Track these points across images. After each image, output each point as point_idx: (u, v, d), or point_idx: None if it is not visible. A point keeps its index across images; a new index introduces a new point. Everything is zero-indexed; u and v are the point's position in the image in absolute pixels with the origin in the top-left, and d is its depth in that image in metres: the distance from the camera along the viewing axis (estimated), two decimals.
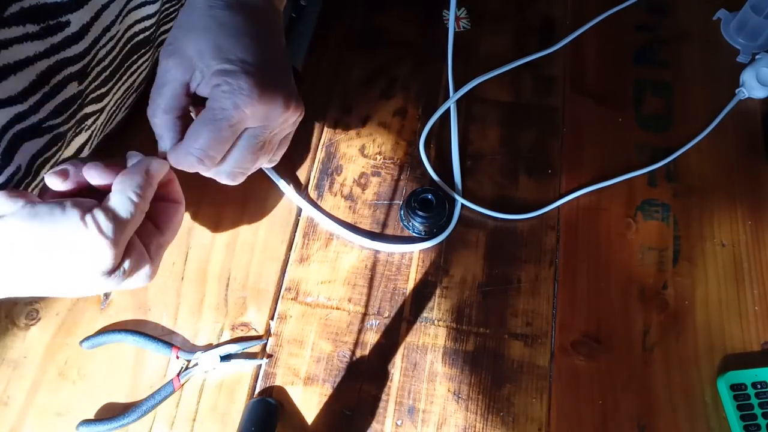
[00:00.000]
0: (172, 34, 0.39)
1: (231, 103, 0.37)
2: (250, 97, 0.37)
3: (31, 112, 0.40)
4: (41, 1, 0.36)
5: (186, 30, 0.38)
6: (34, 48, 0.37)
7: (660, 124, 0.58)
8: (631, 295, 0.51)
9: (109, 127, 0.53)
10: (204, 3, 0.39)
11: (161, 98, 0.39)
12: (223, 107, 0.37)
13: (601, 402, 0.47)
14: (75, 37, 0.40)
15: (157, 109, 0.39)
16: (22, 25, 0.36)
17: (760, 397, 0.46)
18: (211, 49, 0.38)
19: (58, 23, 0.38)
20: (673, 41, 0.63)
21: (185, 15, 0.39)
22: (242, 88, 0.37)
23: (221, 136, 0.38)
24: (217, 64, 0.38)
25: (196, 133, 0.38)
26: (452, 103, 0.58)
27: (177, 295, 0.50)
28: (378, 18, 0.65)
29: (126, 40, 0.45)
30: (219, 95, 0.37)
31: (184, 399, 0.47)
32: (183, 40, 0.38)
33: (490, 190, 0.55)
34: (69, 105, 0.43)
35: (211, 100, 0.38)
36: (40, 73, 0.39)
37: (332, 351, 0.49)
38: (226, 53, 0.38)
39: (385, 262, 0.52)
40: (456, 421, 0.46)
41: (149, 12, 0.46)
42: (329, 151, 0.57)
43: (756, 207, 0.54)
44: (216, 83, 0.38)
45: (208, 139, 0.37)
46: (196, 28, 0.38)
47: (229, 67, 0.37)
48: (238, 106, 0.37)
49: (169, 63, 0.38)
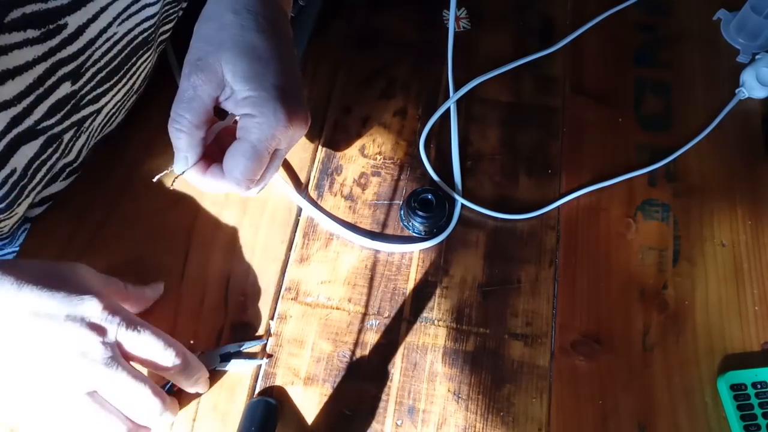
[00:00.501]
0: (200, 48, 0.39)
1: (269, 133, 0.39)
2: (285, 126, 0.39)
3: (25, 115, 0.40)
4: (43, 6, 0.36)
5: (217, 47, 0.38)
6: (33, 52, 0.37)
7: (660, 124, 0.58)
8: (631, 295, 0.51)
9: (108, 129, 0.53)
10: (235, 21, 0.39)
11: (192, 114, 0.39)
12: (261, 138, 0.39)
13: (601, 402, 0.47)
14: (70, 38, 0.39)
15: (186, 125, 0.39)
16: (23, 30, 0.36)
17: (760, 397, 0.46)
18: (246, 74, 0.38)
19: (57, 26, 0.38)
20: (673, 41, 0.63)
21: (214, 31, 0.39)
22: (279, 119, 0.39)
23: (262, 164, 0.40)
24: (250, 91, 0.39)
25: (239, 163, 0.40)
26: (452, 103, 0.58)
27: (177, 295, 0.50)
28: (378, 18, 0.65)
29: (126, 42, 0.45)
30: (257, 127, 0.39)
31: (184, 399, 0.47)
32: (213, 57, 0.38)
33: (490, 190, 0.55)
34: (62, 105, 0.43)
35: (247, 131, 0.39)
36: (38, 76, 0.38)
37: (332, 351, 0.49)
38: (260, 79, 0.39)
39: (385, 262, 0.52)
40: (456, 421, 0.46)
41: (149, 14, 0.46)
42: (329, 151, 0.57)
43: (756, 207, 0.54)
44: (250, 113, 0.39)
45: (252, 168, 0.40)
46: (229, 48, 0.38)
47: (264, 95, 0.39)
48: (275, 136, 0.40)
49: (199, 78, 0.38)
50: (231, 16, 0.39)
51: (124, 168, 0.55)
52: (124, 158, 0.56)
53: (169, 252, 0.52)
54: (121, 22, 0.43)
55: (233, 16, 0.39)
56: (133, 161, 0.56)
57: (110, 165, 0.55)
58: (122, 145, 0.56)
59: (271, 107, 0.39)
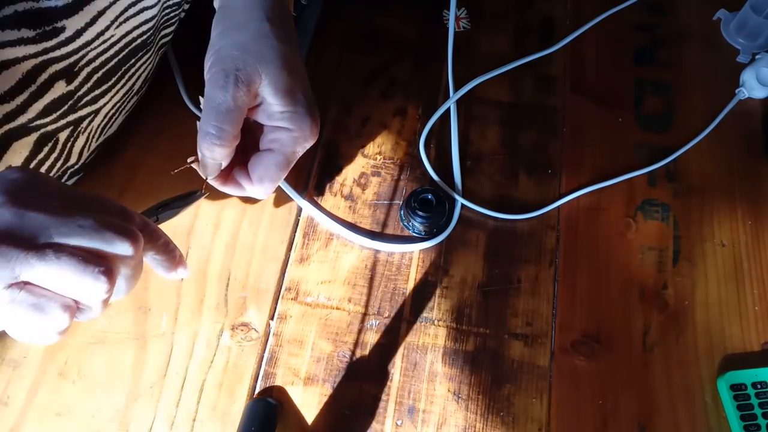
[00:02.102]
0: (238, 58, 0.39)
1: (301, 147, 0.42)
2: (313, 139, 0.42)
3: (19, 112, 0.40)
4: (35, 5, 0.36)
5: (256, 59, 0.39)
6: (25, 51, 0.37)
7: (660, 124, 0.58)
8: (631, 295, 0.51)
9: (110, 130, 0.53)
10: (271, 32, 0.40)
11: (232, 126, 0.39)
12: (295, 151, 0.42)
13: (601, 402, 0.47)
14: (67, 41, 0.39)
15: (227, 137, 0.39)
16: (16, 29, 0.35)
17: (760, 397, 0.46)
18: (285, 89, 0.40)
19: (53, 29, 0.37)
20: (673, 41, 0.63)
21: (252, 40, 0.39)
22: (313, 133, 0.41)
23: (287, 172, 0.43)
24: (288, 106, 0.40)
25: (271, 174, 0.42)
26: (452, 103, 0.58)
27: (177, 295, 0.50)
28: (378, 18, 0.65)
29: (124, 44, 0.45)
30: (293, 140, 0.41)
31: (184, 399, 0.47)
32: (254, 69, 0.39)
33: (490, 190, 0.55)
34: (59, 105, 0.42)
35: (282, 143, 0.41)
36: (26, 71, 0.38)
37: (332, 351, 0.49)
38: (295, 94, 0.40)
39: (385, 262, 0.52)
40: (456, 421, 0.46)
41: (148, 17, 0.45)
42: (329, 151, 0.57)
43: (756, 207, 0.54)
44: (288, 127, 0.41)
45: (280, 178, 0.43)
46: (270, 61, 0.39)
47: (300, 110, 0.40)
48: (305, 148, 0.42)
49: (240, 90, 0.38)
50: (267, 26, 0.39)
51: (124, 168, 0.55)
52: (125, 158, 0.56)
53: None
54: (119, 24, 0.43)
55: (269, 26, 0.39)
56: (134, 161, 0.56)
57: (111, 165, 0.55)
58: (122, 146, 0.56)
59: (307, 123, 0.41)
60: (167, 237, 0.35)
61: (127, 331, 0.49)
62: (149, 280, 0.51)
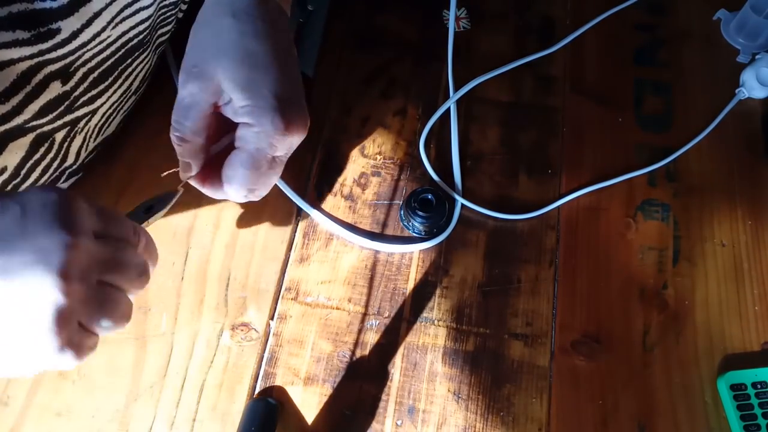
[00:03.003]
0: (197, 56, 0.38)
1: (267, 143, 0.39)
2: (284, 134, 0.39)
3: (14, 113, 0.39)
4: (30, 6, 0.35)
5: (214, 55, 0.38)
6: (20, 52, 0.37)
7: (660, 124, 0.58)
8: (631, 295, 0.51)
9: (108, 130, 0.53)
10: (234, 26, 0.38)
11: (190, 121, 0.39)
12: (259, 148, 0.39)
13: (601, 402, 0.47)
14: (63, 43, 0.39)
15: (186, 132, 0.39)
16: (11, 30, 0.35)
17: (760, 397, 0.46)
18: (244, 83, 0.38)
19: (49, 30, 0.37)
20: (673, 41, 0.63)
21: (211, 36, 0.38)
22: (277, 128, 0.38)
23: (261, 173, 0.40)
24: (248, 100, 0.38)
25: (237, 172, 0.40)
26: (452, 103, 0.58)
27: (177, 295, 0.50)
28: (378, 18, 0.65)
29: (120, 44, 0.45)
30: (255, 137, 0.39)
31: (184, 399, 0.47)
32: (210, 65, 0.38)
33: (490, 190, 0.55)
34: (55, 106, 0.42)
35: (246, 141, 0.39)
36: (21, 72, 0.38)
37: (332, 351, 0.49)
38: (257, 88, 0.38)
39: (385, 262, 0.52)
40: (456, 421, 0.46)
41: (144, 17, 0.45)
42: (329, 151, 0.57)
43: (756, 207, 0.54)
44: (249, 122, 0.38)
45: (248, 178, 0.40)
46: (227, 55, 0.38)
47: (262, 104, 0.38)
48: (273, 145, 0.39)
49: (196, 86, 0.38)
50: (229, 20, 0.38)
51: (124, 168, 0.55)
52: (124, 158, 0.56)
53: (169, 252, 0.52)
54: (115, 25, 0.42)
55: (232, 20, 0.38)
56: (133, 161, 0.56)
57: (110, 165, 0.55)
58: (122, 146, 0.56)
59: (269, 117, 0.38)
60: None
61: (127, 331, 0.49)
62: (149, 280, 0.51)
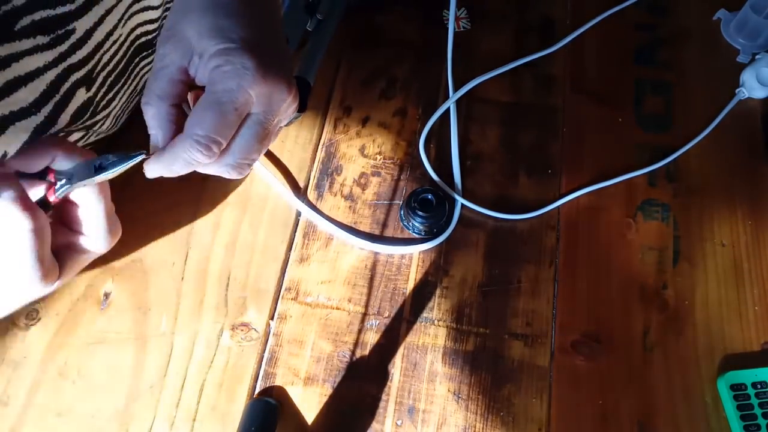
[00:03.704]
0: (169, 19, 0.37)
1: (235, 83, 0.34)
2: (254, 77, 0.35)
3: (49, 124, 0.39)
4: (51, 12, 0.36)
5: (182, 13, 0.36)
6: (43, 59, 0.37)
7: (660, 124, 0.58)
8: (631, 295, 0.51)
9: (113, 130, 0.53)
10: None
11: (156, 83, 0.36)
12: (226, 88, 0.34)
13: (601, 402, 0.47)
14: (79, 43, 0.39)
15: (151, 96, 0.36)
16: (32, 37, 0.35)
17: (760, 397, 0.46)
18: (210, 29, 0.35)
19: (65, 32, 0.37)
20: (673, 41, 0.63)
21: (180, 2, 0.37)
22: (246, 67, 0.34)
23: (227, 120, 0.35)
24: (217, 44, 0.35)
25: (200, 117, 0.34)
26: (452, 103, 0.58)
27: (177, 295, 0.50)
28: (378, 18, 0.65)
29: (129, 43, 0.45)
30: (222, 76, 0.34)
31: (184, 399, 0.47)
32: (180, 24, 0.36)
33: (490, 190, 0.55)
34: (82, 113, 0.42)
35: (212, 83, 0.35)
36: (50, 82, 0.38)
37: (332, 351, 0.49)
38: (226, 32, 0.35)
39: (385, 262, 0.52)
40: (456, 421, 0.46)
41: (152, 17, 0.45)
42: (329, 151, 0.57)
43: (756, 207, 0.54)
44: (217, 64, 0.35)
45: (214, 123, 0.34)
46: (194, 9, 0.36)
47: (230, 46, 0.35)
48: (243, 87, 0.35)
49: (167, 48, 0.36)
50: None
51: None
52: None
53: (169, 252, 0.52)
54: (125, 22, 0.43)
55: None
56: None
57: None
58: (122, 145, 0.56)
59: (237, 55, 0.34)
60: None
61: (127, 331, 0.49)
62: (149, 280, 0.51)
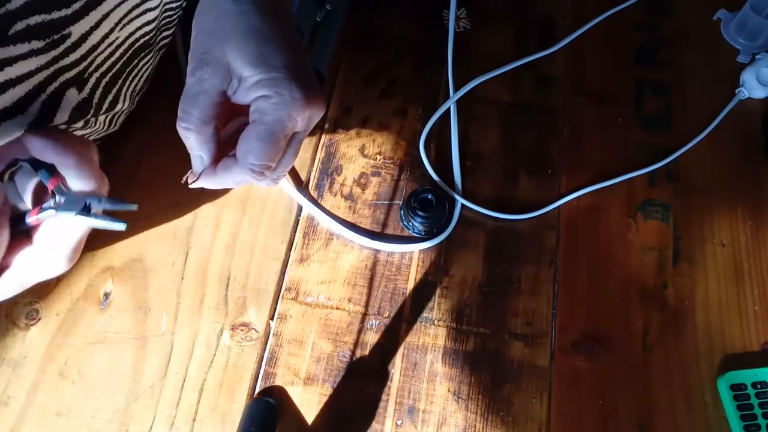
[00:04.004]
0: (204, 42, 0.38)
1: (286, 114, 0.37)
2: (302, 106, 0.37)
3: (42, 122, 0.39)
4: (47, 17, 0.35)
5: (219, 38, 0.37)
6: (37, 62, 0.37)
7: (660, 124, 0.58)
8: (631, 295, 0.51)
9: (112, 129, 0.53)
10: (234, 8, 0.38)
11: (198, 109, 0.38)
12: (277, 119, 0.37)
13: (601, 402, 0.47)
14: (73, 47, 0.39)
15: (194, 121, 0.38)
16: (27, 41, 0.35)
17: (760, 397, 0.46)
18: (254, 57, 0.37)
19: (61, 36, 0.37)
20: (673, 41, 0.63)
21: (214, 22, 0.38)
22: (295, 98, 0.37)
23: (279, 148, 0.38)
24: (261, 73, 0.37)
25: (253, 147, 0.38)
26: (452, 103, 0.58)
27: (177, 295, 0.50)
28: (378, 18, 0.65)
29: (128, 45, 0.45)
30: (273, 108, 0.37)
31: (184, 399, 0.47)
32: (217, 49, 0.37)
33: (490, 190, 0.55)
34: (80, 113, 0.42)
35: (262, 113, 0.38)
36: (38, 83, 0.38)
37: (332, 351, 0.49)
38: (269, 60, 0.37)
39: (385, 262, 0.52)
40: (456, 421, 0.46)
41: (149, 18, 0.45)
42: (329, 151, 0.57)
43: (756, 207, 0.54)
44: (265, 94, 0.37)
45: (267, 152, 0.38)
46: (232, 35, 0.37)
47: (276, 75, 0.37)
48: (292, 117, 0.38)
49: (205, 72, 0.37)
50: (229, 4, 0.38)
51: (124, 167, 0.55)
52: (124, 157, 0.56)
53: (169, 252, 0.52)
54: (123, 27, 0.43)
55: (231, 3, 0.38)
56: (134, 161, 0.56)
57: (109, 164, 0.55)
58: (122, 145, 0.56)
59: (286, 86, 0.37)
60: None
61: (127, 331, 0.49)
62: (149, 280, 0.51)
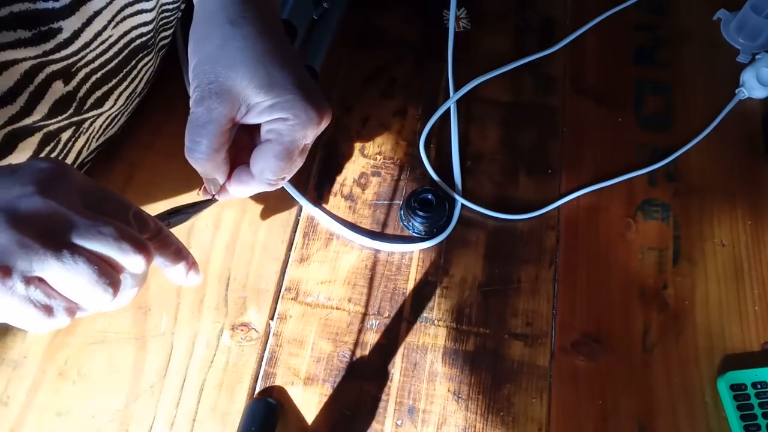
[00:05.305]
0: (210, 71, 0.38)
1: (302, 134, 0.39)
2: (317, 123, 0.39)
3: (24, 114, 0.39)
4: (32, 6, 0.35)
5: (226, 66, 0.38)
6: (26, 53, 0.37)
7: (660, 124, 0.58)
8: (631, 295, 0.51)
9: (111, 131, 0.53)
10: (235, 32, 0.38)
11: (208, 138, 0.38)
12: (294, 139, 0.39)
13: (601, 402, 0.47)
14: (66, 43, 0.39)
15: (205, 150, 0.39)
16: (12, 30, 0.35)
17: (760, 397, 0.46)
18: (265, 83, 0.38)
19: (50, 29, 0.37)
20: (673, 41, 0.63)
21: (219, 49, 0.38)
22: (311, 117, 0.39)
23: (291, 164, 0.41)
24: (276, 97, 0.38)
25: (271, 165, 0.40)
26: (452, 103, 0.58)
27: (177, 295, 0.50)
28: (378, 18, 0.65)
29: (123, 45, 0.45)
30: (289, 129, 0.39)
31: (184, 399, 0.47)
32: (226, 77, 0.37)
33: (490, 190, 0.55)
34: (62, 107, 0.42)
35: (278, 133, 0.39)
36: (24, 72, 0.38)
37: (332, 351, 0.49)
38: (281, 83, 0.38)
39: (385, 262, 0.52)
40: (456, 421, 0.46)
41: (146, 19, 0.45)
42: (329, 151, 0.57)
43: (756, 207, 0.54)
44: (282, 117, 0.39)
45: (283, 167, 0.40)
46: (240, 62, 0.38)
47: (290, 97, 0.38)
48: (307, 135, 0.40)
49: (213, 102, 0.37)
50: (229, 29, 0.38)
51: (124, 168, 0.55)
52: (124, 158, 0.56)
53: None
54: (116, 25, 0.43)
55: (231, 28, 0.38)
56: (134, 161, 0.56)
57: (110, 164, 0.55)
58: (122, 144, 0.56)
59: (301, 108, 0.38)
60: (180, 243, 0.36)
61: (127, 331, 0.49)
62: (149, 280, 0.51)
